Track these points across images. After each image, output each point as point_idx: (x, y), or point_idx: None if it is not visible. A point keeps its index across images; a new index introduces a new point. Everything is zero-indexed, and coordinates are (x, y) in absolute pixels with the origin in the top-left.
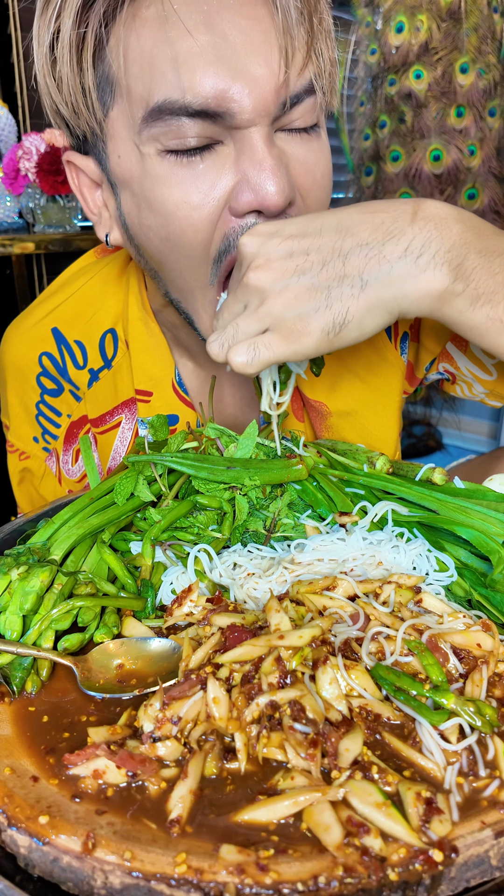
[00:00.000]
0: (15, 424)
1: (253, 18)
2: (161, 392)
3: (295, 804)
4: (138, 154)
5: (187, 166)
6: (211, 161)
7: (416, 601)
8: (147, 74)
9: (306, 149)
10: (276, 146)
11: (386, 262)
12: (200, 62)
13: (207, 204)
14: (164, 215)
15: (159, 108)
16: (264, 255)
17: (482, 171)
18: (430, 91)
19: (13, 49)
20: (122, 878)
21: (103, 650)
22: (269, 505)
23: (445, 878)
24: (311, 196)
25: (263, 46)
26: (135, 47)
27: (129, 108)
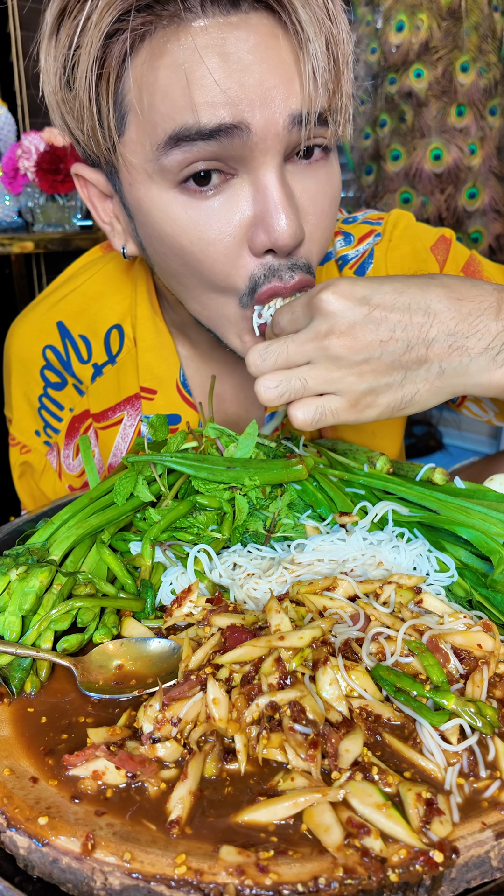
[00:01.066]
0: (17, 418)
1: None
2: (165, 391)
3: (295, 805)
4: (151, 185)
5: (201, 202)
6: (225, 197)
7: (416, 601)
8: (162, 104)
9: (315, 179)
10: (287, 183)
11: (467, 355)
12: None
13: (223, 240)
14: (178, 248)
15: (176, 135)
16: (349, 322)
17: (483, 170)
18: (430, 90)
19: (12, 48)
20: (121, 879)
21: (103, 651)
22: (269, 505)
23: (446, 879)
24: (317, 225)
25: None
26: (151, 80)
27: (145, 138)
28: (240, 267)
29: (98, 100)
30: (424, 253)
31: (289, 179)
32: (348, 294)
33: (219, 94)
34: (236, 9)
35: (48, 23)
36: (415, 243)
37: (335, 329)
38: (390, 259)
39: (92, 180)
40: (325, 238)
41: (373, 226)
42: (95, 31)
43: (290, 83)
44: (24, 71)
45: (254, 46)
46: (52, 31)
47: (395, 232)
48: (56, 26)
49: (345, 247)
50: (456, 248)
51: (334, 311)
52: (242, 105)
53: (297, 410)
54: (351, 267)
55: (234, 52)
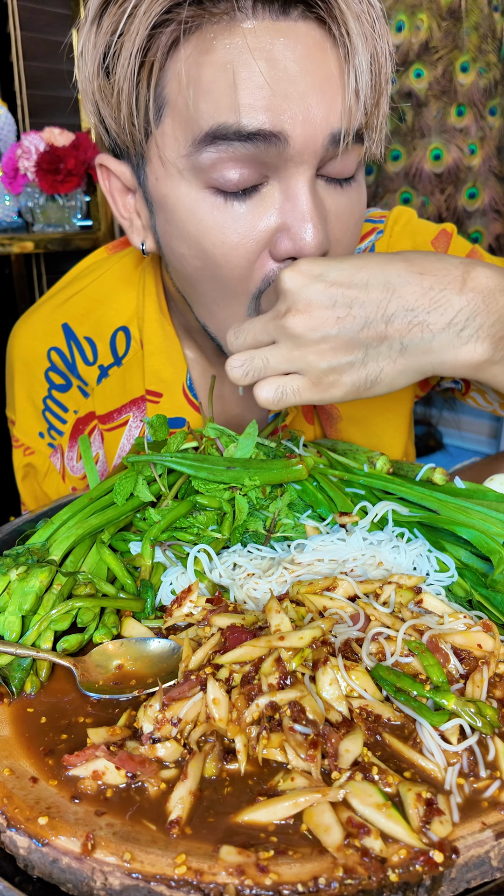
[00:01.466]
0: (21, 419)
1: (320, 65)
2: (171, 394)
3: (295, 805)
4: (180, 181)
5: (229, 205)
6: (253, 203)
7: (416, 601)
8: (204, 101)
9: (345, 199)
10: (318, 195)
11: (428, 331)
12: (258, 91)
13: (245, 244)
14: (199, 249)
15: (213, 132)
16: (306, 299)
17: (483, 170)
18: (430, 90)
19: (12, 48)
20: (121, 879)
21: (102, 651)
22: (269, 505)
23: (446, 880)
24: (342, 243)
25: (325, 91)
26: (195, 75)
27: (180, 133)
28: (256, 269)
29: (138, 88)
30: (425, 247)
31: (320, 192)
32: (306, 272)
33: (262, 98)
34: (286, 15)
35: (92, 8)
36: (415, 238)
37: (293, 307)
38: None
39: (116, 172)
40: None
41: (375, 223)
42: (143, 19)
43: (332, 101)
44: (24, 71)
45: (301, 56)
46: (96, 16)
47: (396, 227)
48: (100, 12)
49: None
50: (457, 241)
51: (291, 288)
52: (284, 116)
53: (261, 390)
54: None
55: (281, 58)
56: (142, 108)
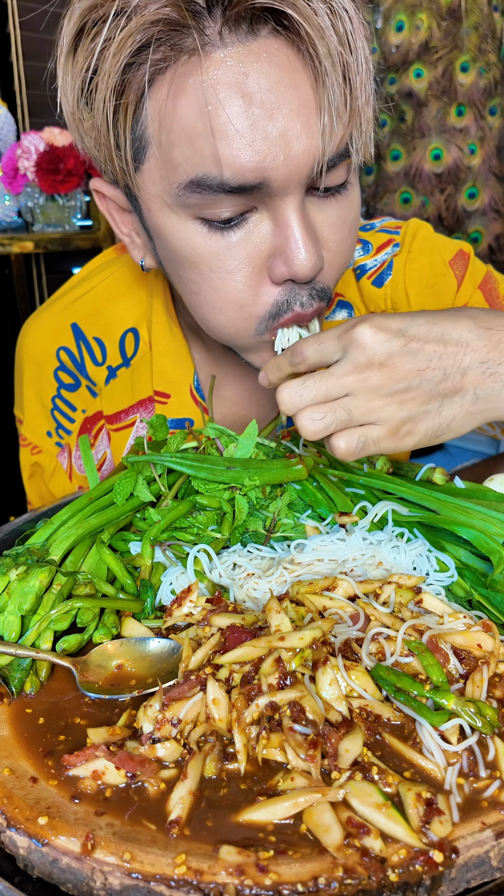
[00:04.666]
0: (29, 418)
1: (294, 90)
2: (178, 395)
3: (295, 805)
4: (170, 213)
5: (221, 234)
6: (245, 231)
7: (416, 601)
8: (184, 146)
9: (336, 208)
10: (308, 215)
11: (500, 381)
12: (238, 138)
13: (242, 269)
14: (198, 274)
15: (197, 181)
16: (387, 353)
17: (482, 169)
18: (430, 90)
19: (12, 48)
20: (121, 879)
21: (102, 651)
22: (268, 505)
23: (446, 879)
24: (337, 251)
25: (303, 119)
26: (172, 116)
27: (164, 172)
28: (260, 294)
29: (116, 128)
30: (443, 267)
31: (309, 210)
32: (384, 327)
33: (242, 147)
34: (255, 35)
35: (65, 41)
36: (433, 256)
37: (374, 360)
38: (409, 271)
39: (111, 196)
40: (344, 262)
41: (391, 234)
42: (113, 62)
43: (311, 129)
44: (23, 71)
45: (275, 83)
46: (70, 50)
47: (415, 243)
48: (73, 46)
49: (363, 256)
50: (474, 264)
51: (372, 342)
52: (266, 163)
53: (340, 440)
54: (369, 277)
55: (256, 89)
56: (123, 147)
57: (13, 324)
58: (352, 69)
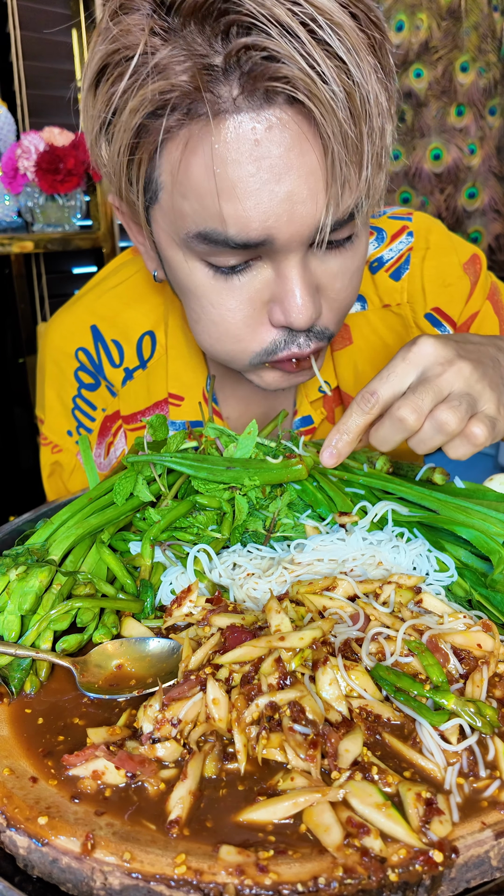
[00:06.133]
0: (50, 418)
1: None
2: (192, 398)
3: (295, 805)
4: (178, 251)
5: (225, 279)
6: (248, 277)
7: (416, 601)
8: (193, 201)
9: (339, 259)
10: (309, 269)
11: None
12: (244, 199)
13: (242, 309)
14: (199, 306)
15: (203, 234)
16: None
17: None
18: (430, 90)
19: (12, 48)
20: (121, 878)
21: (102, 651)
22: (268, 505)
23: (445, 879)
24: (337, 298)
25: (310, 185)
26: (183, 173)
27: (173, 218)
28: (258, 333)
29: (129, 174)
30: (459, 269)
31: (311, 262)
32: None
33: (249, 209)
34: (270, 103)
35: (88, 74)
36: (451, 256)
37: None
38: (426, 268)
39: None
40: (345, 306)
41: (403, 221)
42: (129, 119)
43: (317, 195)
44: (23, 70)
45: (285, 151)
46: (91, 86)
47: (432, 238)
48: (95, 83)
49: (378, 247)
50: (486, 274)
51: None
52: (270, 222)
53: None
54: (387, 270)
55: (265, 155)
56: (135, 187)
57: (13, 324)
58: (364, 144)
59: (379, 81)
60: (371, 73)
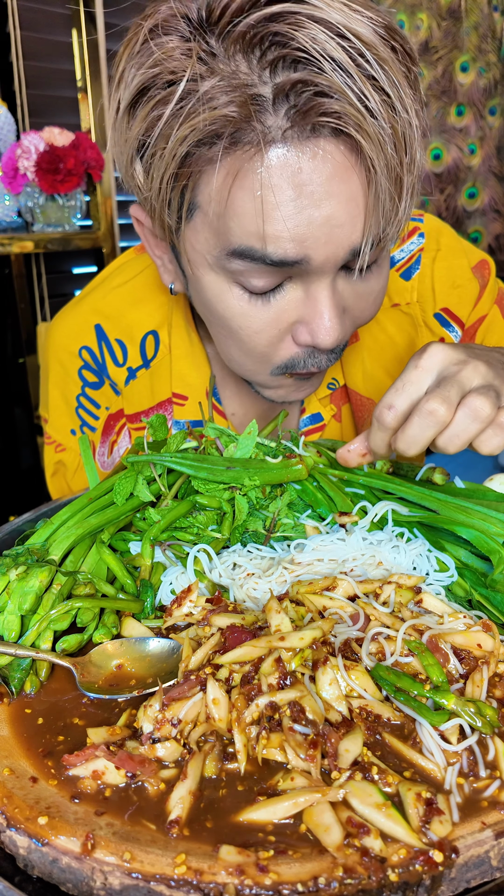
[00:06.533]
0: (54, 416)
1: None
2: (196, 398)
3: (295, 805)
4: (208, 270)
5: (254, 301)
6: (277, 300)
7: (416, 601)
8: (233, 221)
9: (366, 285)
10: (338, 291)
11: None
12: (284, 221)
13: (269, 331)
14: (226, 328)
15: (240, 252)
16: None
17: (482, 169)
18: (430, 90)
19: (12, 47)
20: (121, 878)
21: (102, 651)
22: (268, 505)
23: (446, 879)
24: (360, 316)
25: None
26: (225, 196)
27: (210, 236)
28: (280, 349)
29: (171, 193)
30: (468, 272)
31: (339, 284)
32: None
33: (288, 229)
34: (316, 134)
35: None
36: (461, 259)
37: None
38: (437, 269)
39: (147, 225)
40: (366, 321)
41: (415, 222)
42: (174, 146)
43: (355, 220)
44: (23, 70)
45: (327, 179)
46: (129, 106)
47: (443, 240)
48: (132, 104)
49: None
50: (494, 280)
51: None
52: (308, 242)
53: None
54: (398, 269)
55: (307, 182)
56: (174, 208)
57: (13, 324)
58: (405, 175)
59: (416, 114)
60: (411, 106)
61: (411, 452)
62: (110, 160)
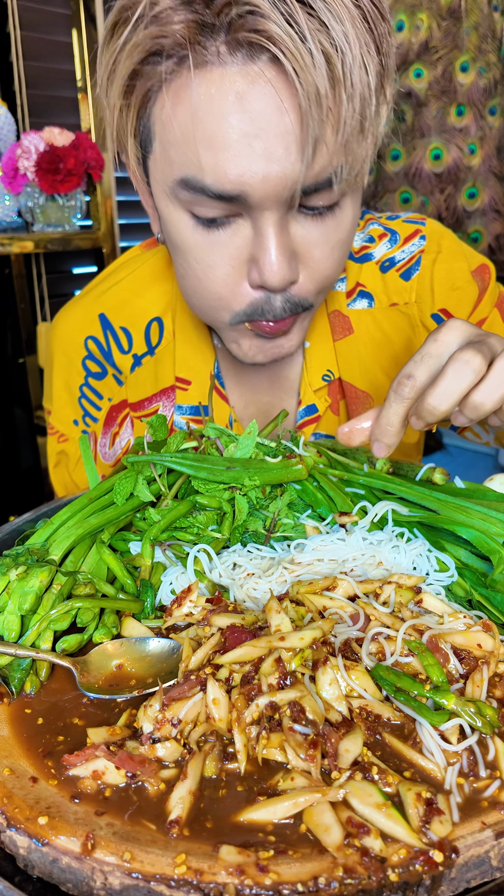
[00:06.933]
0: (57, 407)
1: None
2: (199, 382)
3: (295, 805)
4: (168, 201)
5: (209, 233)
6: (230, 233)
7: (416, 601)
8: (179, 147)
9: (321, 227)
10: (287, 231)
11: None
12: (222, 151)
13: (222, 266)
14: (185, 261)
15: (185, 181)
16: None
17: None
18: (430, 90)
19: (12, 48)
20: (121, 878)
21: (102, 651)
22: (268, 505)
23: (446, 879)
24: (316, 269)
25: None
26: (171, 120)
27: (163, 167)
28: (237, 293)
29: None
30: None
31: (291, 226)
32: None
33: (226, 160)
34: (254, 60)
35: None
36: (461, 262)
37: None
38: (436, 270)
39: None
40: (326, 278)
41: (416, 225)
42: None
43: (292, 154)
44: (23, 71)
45: (265, 107)
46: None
47: (443, 243)
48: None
49: (391, 248)
50: (495, 284)
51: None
52: (245, 177)
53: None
54: (398, 270)
55: (246, 110)
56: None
57: (13, 324)
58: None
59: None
60: (356, 43)
61: (442, 408)
62: (110, 160)
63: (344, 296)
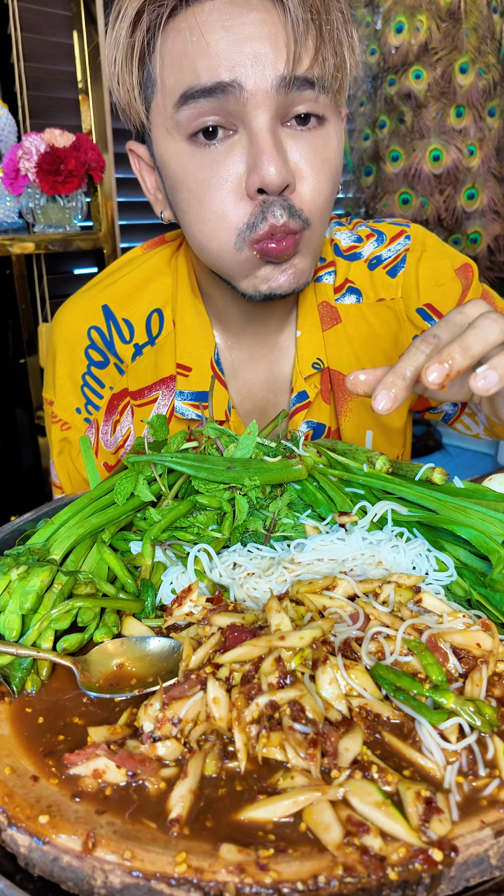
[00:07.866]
0: (60, 395)
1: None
2: (200, 368)
3: (295, 803)
4: (169, 139)
5: (206, 151)
6: (226, 148)
7: (415, 601)
8: (176, 71)
9: (309, 142)
10: (278, 136)
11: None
12: (214, 55)
13: (222, 184)
14: (187, 190)
15: (184, 94)
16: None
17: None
18: (429, 91)
19: (13, 49)
20: (122, 877)
21: (103, 650)
22: (268, 505)
23: (445, 878)
24: (309, 181)
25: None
26: (170, 52)
27: (164, 101)
28: (238, 207)
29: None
30: (451, 272)
31: (282, 137)
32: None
33: (218, 59)
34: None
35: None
36: (444, 260)
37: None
38: (421, 268)
39: (140, 153)
40: (317, 193)
41: (401, 226)
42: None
43: (279, 51)
44: (24, 72)
45: (252, 21)
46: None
47: (427, 242)
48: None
49: (378, 247)
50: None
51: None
52: (237, 68)
53: None
54: (385, 267)
55: (236, 24)
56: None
57: (14, 324)
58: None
59: None
60: None
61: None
62: (111, 162)
63: (332, 289)
